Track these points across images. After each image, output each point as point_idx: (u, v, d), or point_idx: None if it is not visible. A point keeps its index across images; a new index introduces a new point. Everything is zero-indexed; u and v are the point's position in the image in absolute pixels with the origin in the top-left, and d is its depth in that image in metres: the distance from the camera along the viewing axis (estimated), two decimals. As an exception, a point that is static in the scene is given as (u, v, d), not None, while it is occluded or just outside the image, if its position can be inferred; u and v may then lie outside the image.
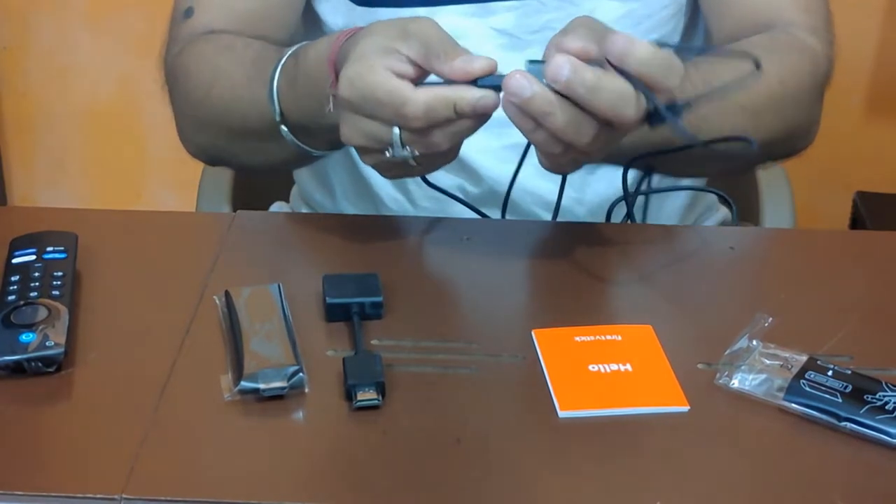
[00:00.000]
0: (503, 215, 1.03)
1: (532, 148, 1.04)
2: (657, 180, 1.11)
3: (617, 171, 1.08)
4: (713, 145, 0.90)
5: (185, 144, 1.07)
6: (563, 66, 0.79)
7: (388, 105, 0.82)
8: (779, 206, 1.23)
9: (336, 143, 0.91)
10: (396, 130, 0.83)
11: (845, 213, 2.02)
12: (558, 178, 1.06)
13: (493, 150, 1.05)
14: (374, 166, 0.88)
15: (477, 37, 1.03)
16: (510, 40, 1.03)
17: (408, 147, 0.84)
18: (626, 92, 0.80)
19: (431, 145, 0.84)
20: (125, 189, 2.29)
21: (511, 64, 0.80)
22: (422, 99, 0.81)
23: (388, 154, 0.85)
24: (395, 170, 0.88)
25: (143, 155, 2.24)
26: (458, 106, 0.81)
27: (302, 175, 1.20)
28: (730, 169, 1.12)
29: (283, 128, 0.95)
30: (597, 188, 1.08)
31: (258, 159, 1.03)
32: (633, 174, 1.08)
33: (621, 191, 1.08)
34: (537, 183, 1.06)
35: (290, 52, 0.94)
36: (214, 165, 1.15)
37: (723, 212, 1.21)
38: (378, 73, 0.82)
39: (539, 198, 1.06)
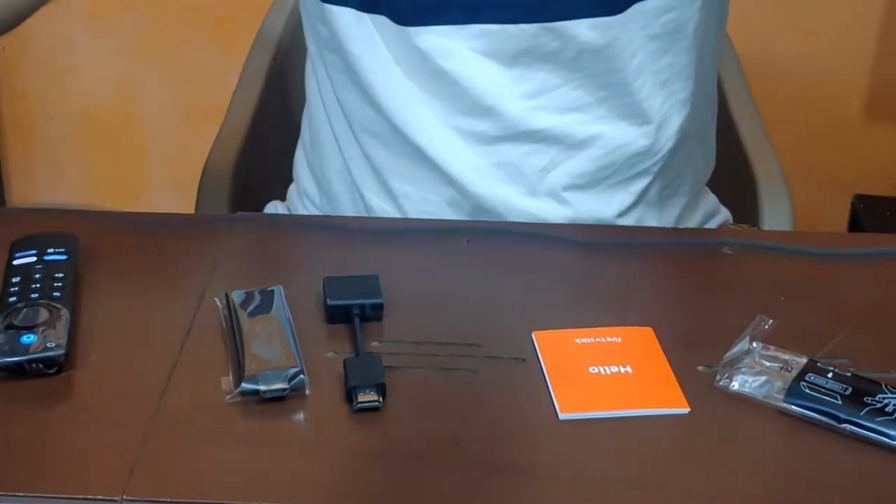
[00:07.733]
0: None
1: (522, 168, 1.03)
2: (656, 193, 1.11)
3: (610, 191, 1.07)
4: None
5: None
6: None
7: None
8: (778, 209, 1.23)
9: None
10: None
11: (844, 215, 2.02)
12: (548, 196, 1.05)
13: (481, 168, 1.04)
14: None
15: (462, 49, 1.01)
16: (494, 59, 1.02)
17: None
18: None
19: None
20: (124, 190, 2.29)
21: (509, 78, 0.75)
22: None
23: None
24: None
25: (143, 156, 2.24)
26: None
27: (300, 172, 1.20)
28: None
29: None
30: (589, 207, 1.06)
31: None
32: (624, 197, 1.07)
33: (616, 210, 1.07)
34: (527, 201, 1.05)
35: None
36: None
37: (723, 214, 1.21)
38: None
39: (530, 216, 1.05)
